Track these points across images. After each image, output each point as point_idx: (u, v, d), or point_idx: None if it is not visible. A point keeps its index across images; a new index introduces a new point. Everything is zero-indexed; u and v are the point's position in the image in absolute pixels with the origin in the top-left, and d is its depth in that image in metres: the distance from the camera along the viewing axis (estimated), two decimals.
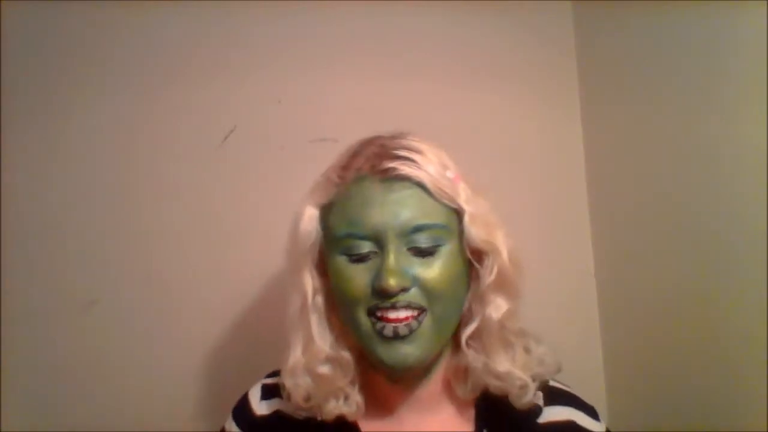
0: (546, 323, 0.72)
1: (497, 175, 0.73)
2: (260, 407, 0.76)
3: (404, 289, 0.64)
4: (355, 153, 0.70)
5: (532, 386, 0.69)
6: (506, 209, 0.72)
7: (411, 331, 0.64)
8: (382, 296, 0.64)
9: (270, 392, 0.77)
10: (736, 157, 0.85)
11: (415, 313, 0.64)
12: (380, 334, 0.64)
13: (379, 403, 0.73)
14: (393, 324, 0.64)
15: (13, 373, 0.99)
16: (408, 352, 0.65)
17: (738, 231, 0.85)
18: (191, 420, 1.00)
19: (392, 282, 0.63)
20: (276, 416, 0.75)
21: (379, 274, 0.64)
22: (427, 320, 0.65)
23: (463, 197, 0.68)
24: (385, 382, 0.71)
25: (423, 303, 0.65)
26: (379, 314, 0.65)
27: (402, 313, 0.64)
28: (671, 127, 0.96)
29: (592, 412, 0.74)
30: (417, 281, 0.65)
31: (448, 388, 0.73)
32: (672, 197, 0.97)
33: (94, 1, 1.05)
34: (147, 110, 1.06)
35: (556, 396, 0.73)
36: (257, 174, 1.07)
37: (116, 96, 1.06)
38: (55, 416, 1.00)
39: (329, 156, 0.74)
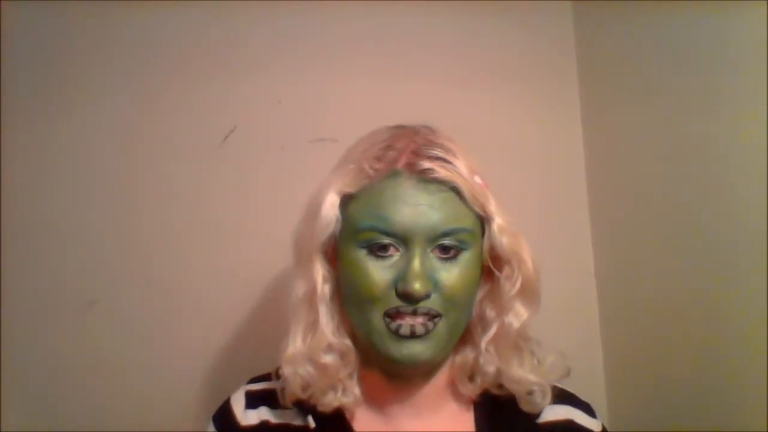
0: (546, 323, 0.72)
1: (497, 175, 0.73)
2: (245, 417, 0.73)
3: (427, 295, 0.63)
4: (387, 145, 0.67)
5: (548, 391, 0.69)
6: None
7: (427, 332, 0.64)
8: (406, 300, 0.63)
9: (256, 400, 0.74)
10: (736, 157, 0.85)
11: (432, 322, 0.64)
12: (396, 332, 0.63)
13: (373, 401, 0.71)
14: (410, 323, 0.63)
15: (13, 373, 0.99)
16: (420, 350, 0.64)
17: (738, 231, 0.85)
18: (191, 420, 0.99)
19: (418, 286, 0.62)
20: (262, 427, 0.72)
21: (404, 277, 0.63)
22: (441, 324, 0.64)
23: (493, 205, 0.68)
24: (381, 378, 0.70)
25: (440, 310, 0.64)
26: (396, 317, 0.64)
27: (420, 319, 0.64)
28: (671, 127, 0.96)
29: (588, 410, 0.74)
30: (438, 286, 0.64)
31: (447, 389, 0.72)
32: (672, 197, 0.97)
33: (94, 1, 1.05)
34: (147, 110, 1.06)
35: (554, 395, 0.71)
36: (257, 174, 1.07)
37: (116, 96, 1.06)
38: (55, 416, 1.00)
39: (329, 156, 0.74)
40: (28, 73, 1.04)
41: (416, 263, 0.63)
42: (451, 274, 0.65)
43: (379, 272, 0.64)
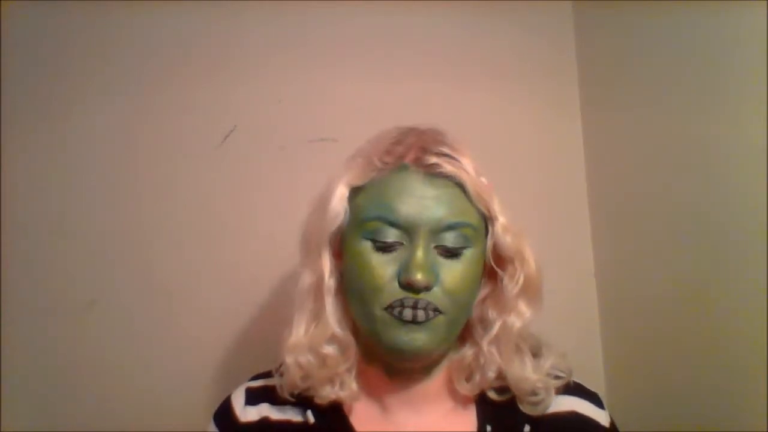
0: (546, 323, 0.72)
1: (497, 175, 0.73)
2: (245, 413, 0.73)
3: (428, 288, 0.64)
4: (396, 140, 0.69)
5: (552, 392, 0.69)
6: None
7: (428, 318, 0.64)
8: (408, 290, 0.64)
9: (256, 396, 0.74)
10: (736, 157, 0.85)
11: (433, 312, 0.64)
12: (399, 317, 0.64)
13: (372, 396, 0.71)
14: (412, 310, 0.63)
15: (13, 373, 0.99)
16: (419, 337, 0.64)
17: (738, 231, 0.85)
18: (192, 420, 0.99)
19: (420, 276, 0.63)
20: (263, 423, 0.72)
21: (407, 267, 0.64)
22: (442, 318, 0.65)
23: (497, 205, 0.69)
24: (381, 374, 0.70)
25: (441, 306, 0.64)
26: (398, 308, 0.64)
27: (420, 313, 0.64)
28: (671, 127, 0.96)
29: (595, 400, 0.73)
30: (440, 281, 0.65)
31: (446, 386, 0.72)
32: (672, 197, 0.97)
33: (94, 1, 1.05)
34: (147, 110, 1.06)
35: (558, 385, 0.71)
36: (257, 174, 1.07)
37: (116, 96, 1.06)
38: (55, 416, 1.00)
39: (329, 156, 0.74)
40: (28, 73, 1.04)
41: (419, 254, 0.64)
42: (453, 270, 0.65)
43: (382, 265, 0.65)
